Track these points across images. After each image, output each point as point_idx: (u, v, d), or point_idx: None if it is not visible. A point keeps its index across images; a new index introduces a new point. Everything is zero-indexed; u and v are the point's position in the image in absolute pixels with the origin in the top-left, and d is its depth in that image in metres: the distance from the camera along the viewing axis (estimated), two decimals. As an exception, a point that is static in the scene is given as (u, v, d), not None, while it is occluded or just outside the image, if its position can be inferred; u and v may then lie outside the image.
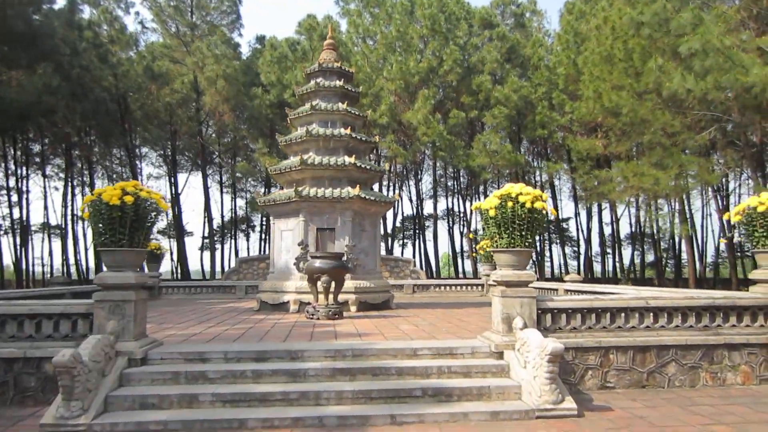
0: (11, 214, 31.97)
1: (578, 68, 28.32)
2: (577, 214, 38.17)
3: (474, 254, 26.10)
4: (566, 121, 29.09)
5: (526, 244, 7.39)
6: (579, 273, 36.94)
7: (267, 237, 34.79)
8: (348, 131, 13.93)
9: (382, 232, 14.77)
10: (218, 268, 38.32)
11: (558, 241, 42.74)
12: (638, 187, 22.66)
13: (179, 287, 21.18)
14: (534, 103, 29.83)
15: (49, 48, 22.54)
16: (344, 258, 11.37)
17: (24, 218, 30.51)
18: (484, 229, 7.86)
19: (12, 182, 30.13)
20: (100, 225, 6.90)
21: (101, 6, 28.56)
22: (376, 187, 15.22)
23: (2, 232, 36.62)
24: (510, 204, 7.30)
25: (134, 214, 6.92)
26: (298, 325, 10.09)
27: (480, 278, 22.43)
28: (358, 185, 13.33)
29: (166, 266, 43.85)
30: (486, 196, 40.25)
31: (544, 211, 7.40)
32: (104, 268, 7.17)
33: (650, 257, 43.47)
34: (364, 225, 14.04)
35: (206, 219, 35.37)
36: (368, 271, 13.99)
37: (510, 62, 31.43)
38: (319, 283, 11.13)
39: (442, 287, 21.92)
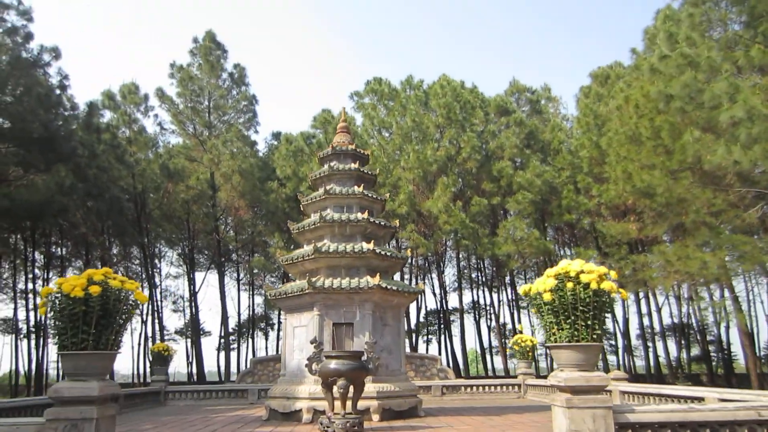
0: (28, 318, 31.04)
1: (602, 150, 27.54)
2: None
3: (507, 350, 23.97)
4: (594, 205, 27.85)
5: (594, 336, 5.81)
6: (619, 368, 33.96)
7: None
8: (365, 216, 12.77)
9: (406, 327, 13.15)
10: (234, 369, 36.23)
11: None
12: (683, 271, 20.82)
13: (187, 392, 19.32)
14: (558, 187, 28.83)
15: (66, 151, 22.48)
16: (364, 357, 9.74)
17: (44, 321, 29.59)
18: (536, 316, 6.31)
19: (32, 285, 29.47)
20: (59, 323, 5.56)
21: (120, 109, 29.14)
22: (397, 277, 14.07)
23: (22, 336, 35.57)
24: (570, 285, 5.81)
25: (102, 309, 5.59)
26: (309, 443, 8.31)
27: (515, 377, 20.18)
28: (378, 274, 11.93)
29: (181, 367, 41.74)
30: (513, 287, 38.41)
31: (612, 294, 5.88)
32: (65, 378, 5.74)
33: (695, 350, 40.29)
34: (386, 319, 12.46)
35: (223, 318, 33.88)
36: (392, 371, 12.21)
37: (530, 147, 30.87)
38: (335, 388, 9.43)
39: (474, 388, 19.70)
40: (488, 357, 41.96)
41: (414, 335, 36.34)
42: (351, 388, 9.42)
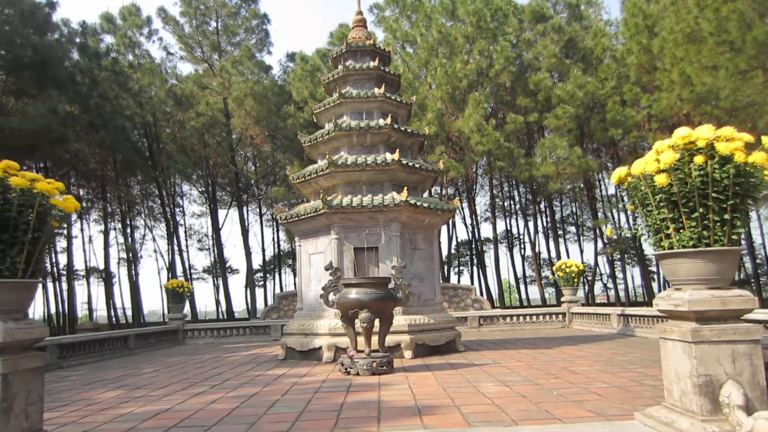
0: (56, 260, 30.57)
1: (652, 55, 24.45)
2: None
3: (542, 279, 22.21)
4: (642, 118, 25.09)
5: (733, 237, 3.84)
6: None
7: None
8: (388, 121, 10.72)
9: (439, 251, 11.33)
10: (261, 306, 35.65)
11: (635, 258, 37.94)
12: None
13: (207, 330, 18.23)
14: (601, 100, 26.00)
15: (62, 76, 20.67)
16: (391, 285, 8.00)
17: (68, 264, 29.10)
18: (639, 212, 4.32)
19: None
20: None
21: (120, 31, 26.89)
22: (427, 195, 12.51)
23: (49, 280, 35.50)
24: (699, 160, 3.78)
25: (3, 219, 3.84)
26: (325, 389, 6.70)
27: (559, 304, 18.45)
28: (405, 190, 9.99)
29: (211, 305, 41.36)
30: (550, 213, 36.34)
31: (765, 170, 3.83)
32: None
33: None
34: (417, 242, 10.65)
35: (246, 254, 32.85)
36: (425, 301, 10.53)
37: (569, 57, 27.80)
38: (357, 322, 7.78)
39: (514, 318, 18.09)
40: (523, 287, 40.52)
41: (446, 266, 34.88)
42: (377, 322, 7.75)
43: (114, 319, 33.21)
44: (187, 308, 21.25)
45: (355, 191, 10.62)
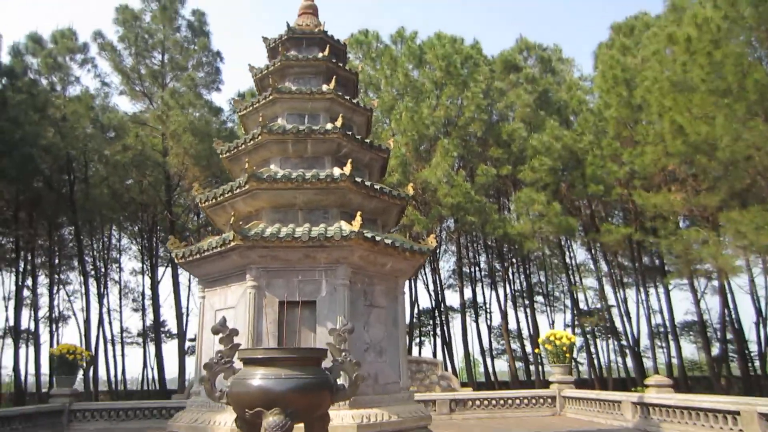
0: None
1: (633, 108, 22.72)
2: (622, 300, 30.74)
3: (537, 350, 18.89)
4: (625, 174, 22.99)
5: None
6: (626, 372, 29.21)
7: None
8: (339, 124, 7.65)
9: (406, 312, 7.95)
10: (193, 376, 30.82)
11: (602, 333, 35.24)
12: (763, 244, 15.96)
13: (102, 411, 13.97)
14: (579, 155, 23.93)
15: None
16: (327, 363, 4.59)
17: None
18: None
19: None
20: None
21: (45, 50, 23.37)
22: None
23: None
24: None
25: None
26: None
27: (548, 385, 15.14)
28: (359, 216, 6.75)
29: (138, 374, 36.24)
30: (520, 281, 33.48)
31: None
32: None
33: (714, 350, 35.78)
34: (374, 296, 7.32)
35: (178, 316, 28.49)
36: (385, 387, 7.08)
37: (544, 109, 25.86)
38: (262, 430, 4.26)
39: (492, 402, 14.59)
40: (489, 360, 37.03)
41: (408, 335, 31.22)
42: (300, 425, 4.29)
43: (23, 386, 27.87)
44: (80, 380, 16.90)
45: (286, 219, 7.34)
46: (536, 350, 21.11)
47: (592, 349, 33.11)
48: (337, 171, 7.25)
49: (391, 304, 7.57)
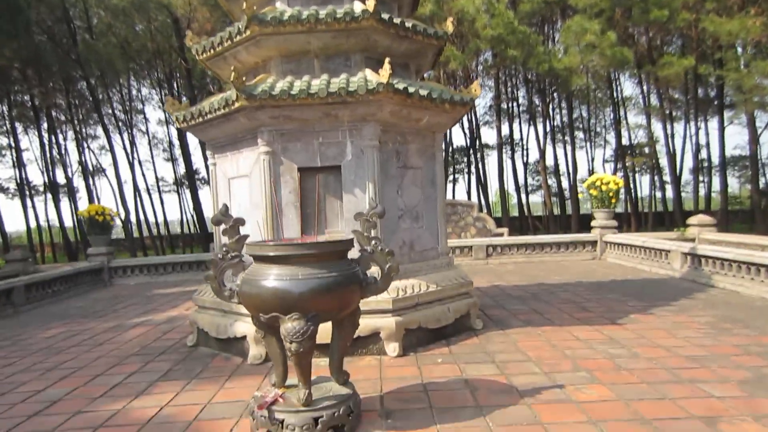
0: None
1: None
2: (670, 135, 28.88)
3: (580, 193, 18.00)
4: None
5: None
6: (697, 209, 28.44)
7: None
8: (358, -55, 6.08)
9: (444, 169, 6.98)
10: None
11: (643, 168, 34.01)
12: None
13: (140, 267, 14.30)
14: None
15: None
16: (354, 251, 3.85)
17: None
18: None
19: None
20: None
21: None
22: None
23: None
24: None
25: None
26: None
27: (591, 231, 14.59)
28: (387, 64, 5.54)
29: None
30: (566, 117, 31.59)
31: None
32: None
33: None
34: (408, 156, 6.39)
35: (206, 166, 28.41)
36: (422, 254, 6.48)
37: None
38: (283, 337, 3.66)
39: (531, 247, 14.25)
40: (523, 197, 36.74)
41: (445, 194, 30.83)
42: (326, 331, 3.71)
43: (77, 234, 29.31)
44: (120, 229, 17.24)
45: (300, 69, 6.19)
46: (579, 194, 20.30)
47: (631, 184, 32.30)
48: (358, 6, 5.88)
49: (427, 164, 6.66)
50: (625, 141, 31.78)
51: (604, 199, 13.61)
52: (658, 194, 34.19)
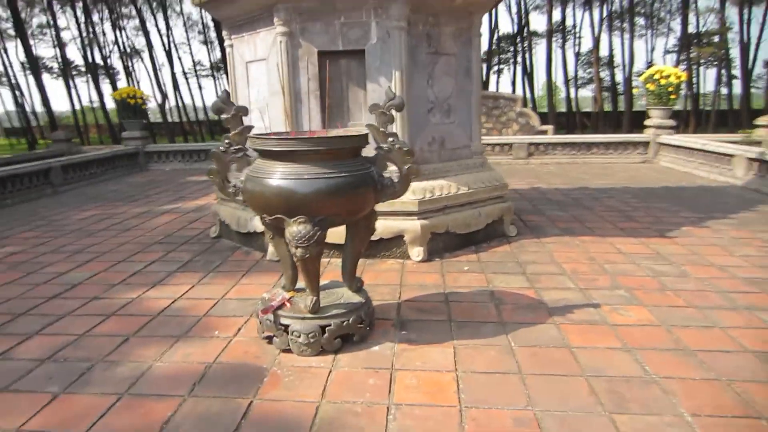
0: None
1: None
2: (745, 21, 25.97)
3: (635, 89, 16.46)
4: None
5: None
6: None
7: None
8: None
9: (480, 58, 6.26)
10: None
11: (709, 61, 31.22)
12: None
13: (176, 153, 14.27)
14: None
15: None
16: (369, 150, 3.38)
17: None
18: None
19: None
20: None
21: None
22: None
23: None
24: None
25: None
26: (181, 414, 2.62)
27: (644, 130, 13.58)
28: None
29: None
30: (625, 1, 28.58)
31: None
32: None
33: None
34: (440, 40, 5.65)
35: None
36: (453, 152, 5.95)
37: None
38: (288, 241, 3.31)
39: (576, 146, 13.42)
40: (571, 91, 34.69)
41: (482, 64, 29.07)
42: (340, 233, 3.37)
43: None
44: (156, 112, 17.13)
45: (322, -65, 5.37)
46: (634, 89, 18.80)
47: (693, 79, 29.91)
48: None
49: (462, 50, 5.91)
50: (691, 28, 28.95)
51: (662, 94, 12.44)
52: (724, 90, 31.62)
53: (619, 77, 32.35)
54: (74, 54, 68.61)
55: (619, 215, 7.08)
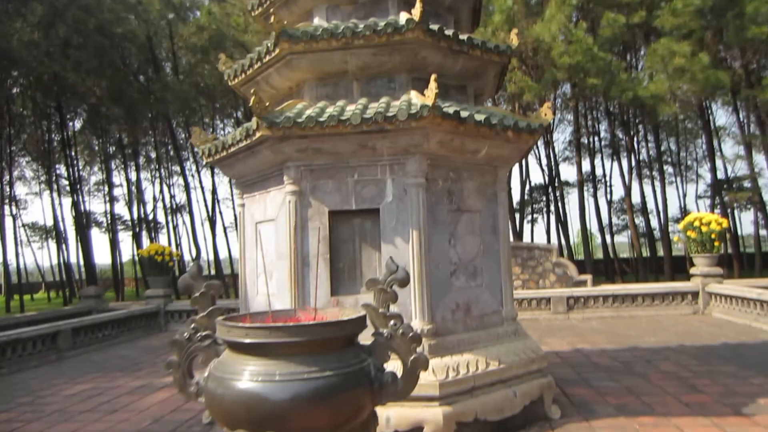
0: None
1: None
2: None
3: (676, 237, 15.77)
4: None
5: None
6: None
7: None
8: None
9: (508, 213, 5.76)
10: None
11: (742, 203, 30.52)
12: None
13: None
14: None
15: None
16: (367, 338, 2.70)
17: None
18: None
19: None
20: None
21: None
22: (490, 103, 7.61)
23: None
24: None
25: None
26: None
27: (690, 279, 12.57)
28: (433, 82, 4.45)
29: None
30: (653, 150, 29.10)
31: None
32: None
33: None
34: (463, 195, 5.20)
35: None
36: (480, 319, 5.18)
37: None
38: None
39: (619, 299, 12.42)
40: (607, 237, 34.02)
41: (516, 215, 29.07)
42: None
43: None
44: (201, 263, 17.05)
45: (337, 93, 5.24)
46: (674, 238, 18.05)
47: (730, 222, 29.02)
48: (403, 16, 4.88)
49: (488, 206, 5.43)
50: (720, 174, 28.78)
51: (705, 242, 11.64)
52: (763, 232, 30.52)
53: (654, 223, 31.90)
54: (122, 209, 72.79)
55: (681, 385, 5.99)
